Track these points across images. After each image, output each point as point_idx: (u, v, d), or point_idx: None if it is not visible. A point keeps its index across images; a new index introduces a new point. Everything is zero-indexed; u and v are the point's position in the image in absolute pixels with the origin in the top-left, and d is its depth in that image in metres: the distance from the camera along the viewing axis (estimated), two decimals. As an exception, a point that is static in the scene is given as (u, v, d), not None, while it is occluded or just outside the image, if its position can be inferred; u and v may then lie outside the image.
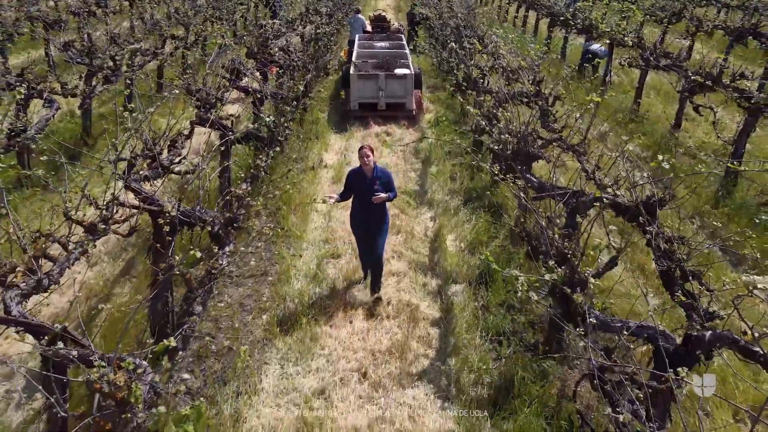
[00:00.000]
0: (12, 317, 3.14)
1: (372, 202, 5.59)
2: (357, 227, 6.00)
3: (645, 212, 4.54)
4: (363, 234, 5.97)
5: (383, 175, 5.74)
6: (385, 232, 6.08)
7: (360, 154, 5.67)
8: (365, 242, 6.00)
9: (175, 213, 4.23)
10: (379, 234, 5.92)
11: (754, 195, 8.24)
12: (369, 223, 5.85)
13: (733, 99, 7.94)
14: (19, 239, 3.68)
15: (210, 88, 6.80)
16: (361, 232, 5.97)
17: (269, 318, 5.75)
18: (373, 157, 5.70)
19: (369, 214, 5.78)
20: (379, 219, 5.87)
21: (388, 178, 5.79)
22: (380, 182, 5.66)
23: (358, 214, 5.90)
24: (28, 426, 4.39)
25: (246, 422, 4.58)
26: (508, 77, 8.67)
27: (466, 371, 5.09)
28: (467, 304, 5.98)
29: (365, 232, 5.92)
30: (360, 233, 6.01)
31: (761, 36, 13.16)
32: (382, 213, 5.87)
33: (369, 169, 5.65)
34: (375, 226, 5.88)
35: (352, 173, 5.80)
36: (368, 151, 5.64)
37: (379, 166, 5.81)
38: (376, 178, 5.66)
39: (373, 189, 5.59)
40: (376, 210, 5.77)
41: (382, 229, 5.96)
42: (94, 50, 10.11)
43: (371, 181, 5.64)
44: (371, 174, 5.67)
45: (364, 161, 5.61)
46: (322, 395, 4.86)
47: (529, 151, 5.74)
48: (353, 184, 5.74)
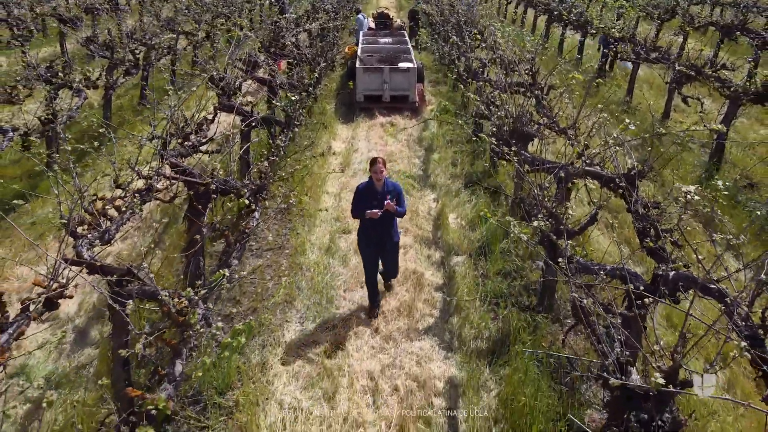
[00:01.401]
0: (84, 260, 3.72)
1: (382, 219, 5.38)
2: (367, 245, 5.67)
3: (626, 182, 5.13)
4: (374, 252, 5.69)
5: (393, 189, 5.51)
6: (396, 250, 5.91)
7: (373, 169, 5.38)
8: (375, 261, 5.75)
9: (212, 182, 4.81)
10: (390, 252, 5.78)
11: (735, 177, 8.82)
12: (381, 238, 5.58)
13: (715, 88, 8.51)
14: (81, 200, 4.26)
15: (231, 77, 7.38)
16: (373, 249, 5.67)
17: (288, 284, 6.33)
18: (386, 171, 5.46)
19: (381, 229, 5.52)
20: (391, 234, 5.63)
21: (398, 193, 5.54)
22: (391, 197, 5.40)
23: (368, 230, 5.58)
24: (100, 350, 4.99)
25: (272, 369, 5.16)
26: (506, 69, 9.26)
27: (467, 327, 5.68)
28: (468, 273, 6.57)
29: (377, 249, 5.66)
30: (370, 251, 5.69)
31: (749, 32, 13.75)
32: (391, 229, 5.62)
33: (380, 183, 5.43)
34: (388, 241, 5.63)
35: (362, 188, 5.51)
36: (382, 165, 5.39)
37: (389, 180, 5.58)
38: (386, 193, 5.43)
39: (383, 204, 5.33)
40: (387, 225, 5.53)
41: (393, 248, 5.78)
42: (115, 44, 10.71)
43: (382, 196, 5.39)
44: (382, 188, 5.44)
45: (377, 176, 5.36)
46: (339, 348, 5.44)
47: (524, 131, 6.31)
48: (363, 199, 5.43)
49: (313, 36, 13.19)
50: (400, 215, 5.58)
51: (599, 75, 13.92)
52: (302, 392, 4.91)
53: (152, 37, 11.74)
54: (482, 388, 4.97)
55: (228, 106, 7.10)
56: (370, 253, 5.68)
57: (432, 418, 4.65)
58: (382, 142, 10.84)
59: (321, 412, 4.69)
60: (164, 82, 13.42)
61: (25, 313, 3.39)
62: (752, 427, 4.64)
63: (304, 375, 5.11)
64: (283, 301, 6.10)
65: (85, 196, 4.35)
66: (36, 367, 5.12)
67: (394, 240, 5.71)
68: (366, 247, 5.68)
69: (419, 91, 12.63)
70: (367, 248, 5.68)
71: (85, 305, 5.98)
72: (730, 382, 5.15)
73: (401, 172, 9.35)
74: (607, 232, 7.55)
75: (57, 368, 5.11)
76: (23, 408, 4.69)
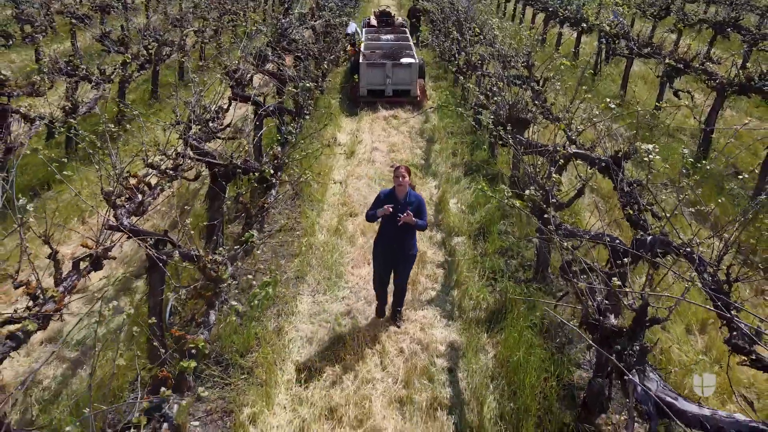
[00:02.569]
0: (124, 226, 4.18)
1: (399, 230, 5.17)
2: (379, 255, 5.47)
3: (613, 163, 5.59)
4: (384, 263, 5.48)
5: (416, 200, 5.24)
6: (411, 263, 5.57)
7: (395, 174, 5.17)
8: (385, 272, 5.54)
9: (232, 162, 5.27)
10: (403, 265, 5.47)
11: (721, 165, 9.28)
12: (394, 250, 5.35)
13: (702, 80, 8.96)
14: (117, 177, 4.72)
15: (244, 69, 7.83)
16: (383, 260, 5.47)
17: (300, 261, 6.78)
18: (408, 178, 5.20)
19: (396, 241, 5.30)
20: (406, 248, 5.36)
21: (420, 204, 5.25)
22: (411, 209, 5.12)
23: (383, 239, 5.38)
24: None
25: (287, 334, 5.62)
26: (504, 63, 9.71)
27: (466, 299, 6.14)
28: (467, 252, 7.02)
29: (388, 260, 5.44)
30: (381, 261, 5.50)
31: (741, 29, 14.20)
32: (410, 241, 5.37)
33: (402, 191, 5.19)
34: (400, 255, 5.36)
35: (383, 194, 5.30)
36: (404, 171, 5.16)
37: (413, 191, 5.33)
38: (407, 204, 5.17)
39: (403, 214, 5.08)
40: (404, 237, 5.29)
41: (408, 260, 5.48)
42: (129, 40, 11.17)
43: (402, 206, 5.14)
44: (404, 198, 5.20)
45: (398, 181, 5.13)
46: (348, 315, 5.90)
47: (519, 117, 6.77)
48: (381, 205, 5.16)
49: (317, 33, 13.62)
50: (420, 228, 5.27)
51: (595, 71, 14.38)
52: (315, 354, 5.37)
53: (163, 33, 12.20)
54: (480, 351, 5.42)
55: (242, 96, 7.55)
56: (383, 263, 5.49)
57: (434, 375, 5.11)
58: (385, 134, 11.29)
59: (333, 371, 5.14)
60: (173, 77, 13.92)
61: (75, 270, 3.85)
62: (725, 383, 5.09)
63: (317, 340, 5.56)
64: (295, 276, 6.55)
65: (121, 173, 4.81)
66: (71, 333, 5.56)
67: (411, 253, 5.44)
68: (379, 256, 5.47)
69: (421, 86, 13.08)
70: (379, 257, 5.48)
71: (113, 279, 6.43)
72: (708, 347, 5.60)
73: (404, 161, 9.80)
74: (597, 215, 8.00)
75: (90, 333, 5.56)
76: (62, 367, 5.15)
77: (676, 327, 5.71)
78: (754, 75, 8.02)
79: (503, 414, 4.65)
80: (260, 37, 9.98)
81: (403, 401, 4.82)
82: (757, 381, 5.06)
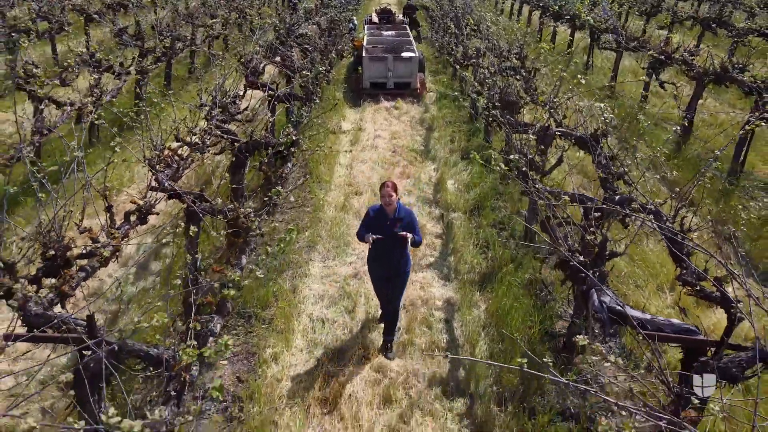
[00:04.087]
0: (164, 187, 4.86)
1: (391, 246, 5.09)
2: (373, 270, 5.44)
3: (592, 140, 6.26)
4: (383, 278, 5.38)
5: (406, 216, 5.13)
6: (404, 281, 5.44)
7: (382, 193, 5.06)
8: (382, 285, 5.45)
9: (252, 138, 5.95)
10: (396, 281, 5.33)
11: (700, 150, 9.97)
12: (388, 267, 5.25)
13: (682, 71, 9.64)
14: (154, 147, 5.40)
15: (258, 59, 8.52)
16: (382, 275, 5.37)
17: (311, 233, 7.46)
18: (396, 196, 5.07)
19: (388, 257, 5.22)
20: (399, 264, 5.25)
21: (411, 220, 5.14)
22: (402, 224, 5.04)
23: (375, 255, 5.29)
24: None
25: (301, 293, 6.29)
26: (498, 55, 10.39)
27: (462, 263, 6.82)
28: (463, 224, 7.71)
29: (386, 275, 5.32)
30: (378, 277, 5.43)
31: (726, 25, 14.88)
32: (402, 257, 5.25)
33: (391, 209, 5.07)
34: (393, 271, 5.25)
35: (372, 210, 5.19)
36: (391, 190, 5.01)
37: (403, 206, 5.23)
38: (397, 219, 5.07)
39: (393, 231, 5.03)
40: (395, 253, 5.18)
41: (401, 277, 5.35)
42: (145, 35, 11.86)
43: (392, 222, 5.05)
44: (393, 214, 5.08)
45: (386, 201, 5.02)
46: (356, 277, 6.58)
47: (510, 100, 7.46)
48: (372, 223, 5.10)
49: (322, 28, 14.31)
50: (414, 244, 5.17)
51: (587, 65, 15.07)
52: (327, 308, 6.05)
53: (177, 28, 12.89)
54: (474, 306, 6.10)
55: (256, 83, 8.23)
56: (378, 278, 5.43)
57: (432, 324, 5.79)
58: (386, 123, 11.97)
59: (343, 320, 5.82)
60: (183, 72, 14.63)
61: (127, 221, 4.53)
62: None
63: (329, 297, 6.24)
64: (307, 245, 7.23)
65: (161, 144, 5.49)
66: (107, 291, 6.24)
67: (404, 269, 5.33)
68: (373, 272, 5.44)
69: (421, 79, 13.77)
70: (374, 273, 5.44)
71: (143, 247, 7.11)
72: (675, 301, 6.27)
73: (405, 147, 10.49)
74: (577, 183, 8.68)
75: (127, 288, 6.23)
76: (104, 316, 5.83)
77: (650, 286, 6.39)
78: (728, 65, 8.70)
79: (492, 354, 5.33)
80: (270, 31, 10.67)
81: (405, 344, 5.50)
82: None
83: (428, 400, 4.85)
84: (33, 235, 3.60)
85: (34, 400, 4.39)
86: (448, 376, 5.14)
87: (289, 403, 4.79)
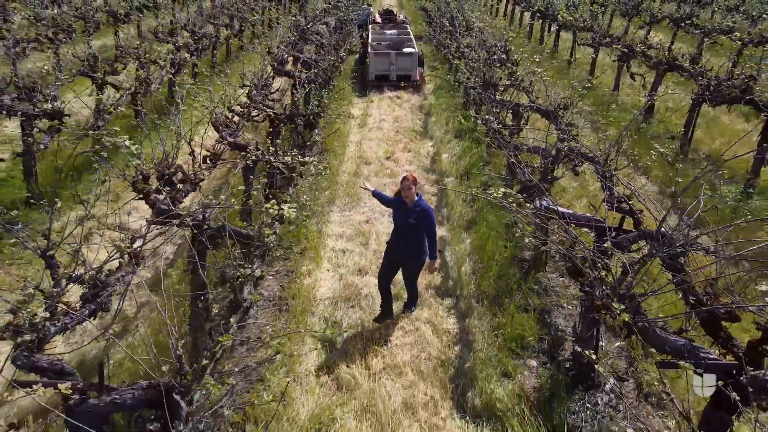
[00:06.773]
0: (229, 141, 6.50)
1: (404, 234, 5.48)
2: (386, 250, 5.82)
3: (554, 111, 7.93)
4: (389, 263, 5.76)
5: (421, 211, 5.39)
6: (413, 269, 5.73)
7: (402, 186, 5.35)
8: (391, 269, 5.80)
9: (285, 112, 7.60)
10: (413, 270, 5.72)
11: (660, 131, 11.64)
12: (396, 251, 5.63)
13: (643, 62, 11.30)
14: (212, 113, 7.04)
15: (281, 50, 10.18)
16: (388, 261, 5.76)
17: (330, 192, 9.11)
18: (415, 189, 5.37)
19: (397, 242, 5.61)
20: (406, 251, 5.57)
21: (424, 216, 5.39)
22: (415, 217, 5.37)
23: (392, 238, 5.77)
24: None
25: (325, 233, 7.94)
26: (488, 51, 12.06)
27: (453, 213, 8.47)
28: (455, 186, 9.36)
29: (393, 261, 5.72)
30: (391, 260, 5.75)
31: (693, 24, 16.56)
32: (411, 247, 5.54)
33: (410, 200, 5.41)
34: (400, 257, 5.62)
35: (398, 196, 5.56)
36: (411, 183, 5.30)
37: (424, 202, 5.50)
38: (413, 211, 5.39)
39: (407, 221, 5.37)
40: (406, 241, 5.52)
41: (408, 266, 5.69)
42: (177, 32, 13.53)
43: (407, 213, 5.39)
44: (411, 205, 5.41)
45: (405, 193, 5.34)
46: (367, 222, 8.23)
47: (491, 81, 9.11)
48: (394, 206, 5.60)
49: (331, 28, 15.99)
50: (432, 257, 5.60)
51: (569, 60, 16.74)
52: (346, 243, 7.70)
53: (202, 26, 14.56)
54: (461, 242, 7.75)
55: (281, 71, 9.89)
56: (386, 257, 5.78)
57: (429, 252, 7.44)
58: (390, 109, 13.64)
59: (360, 250, 7.47)
60: (206, 65, 16.28)
61: (205, 162, 6.17)
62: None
63: (347, 235, 7.89)
64: (327, 201, 8.88)
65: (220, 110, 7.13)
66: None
67: (419, 259, 5.61)
68: (388, 255, 5.75)
69: (420, 73, 15.47)
70: (389, 256, 5.75)
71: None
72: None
73: (407, 128, 12.15)
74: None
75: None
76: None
77: (583, 204, 8.03)
78: (678, 56, 10.35)
79: (474, 271, 6.98)
80: (288, 28, 12.35)
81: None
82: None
83: (425, 297, 6.50)
84: (153, 162, 5.24)
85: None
86: (440, 284, 6.79)
87: (321, 300, 6.44)
